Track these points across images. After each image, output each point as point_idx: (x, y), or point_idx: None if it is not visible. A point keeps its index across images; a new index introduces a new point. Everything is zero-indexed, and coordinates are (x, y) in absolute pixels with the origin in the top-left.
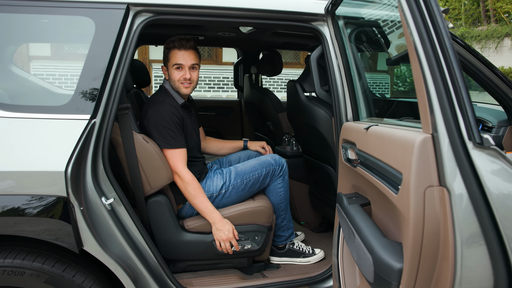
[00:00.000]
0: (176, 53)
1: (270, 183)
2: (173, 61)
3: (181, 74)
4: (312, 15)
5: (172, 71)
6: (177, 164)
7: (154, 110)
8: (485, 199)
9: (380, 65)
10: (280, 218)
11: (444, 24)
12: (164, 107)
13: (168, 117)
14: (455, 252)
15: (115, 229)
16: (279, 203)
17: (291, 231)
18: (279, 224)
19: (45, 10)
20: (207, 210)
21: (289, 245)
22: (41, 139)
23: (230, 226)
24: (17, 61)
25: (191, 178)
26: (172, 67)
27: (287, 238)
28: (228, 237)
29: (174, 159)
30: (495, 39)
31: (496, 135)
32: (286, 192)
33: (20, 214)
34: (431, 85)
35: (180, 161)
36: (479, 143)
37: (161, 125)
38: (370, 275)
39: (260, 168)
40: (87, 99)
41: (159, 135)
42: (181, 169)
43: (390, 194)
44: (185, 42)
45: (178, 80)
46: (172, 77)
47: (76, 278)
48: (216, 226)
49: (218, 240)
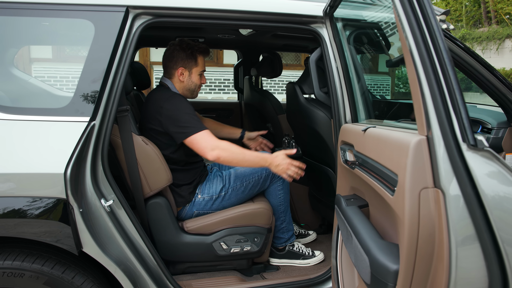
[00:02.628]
0: (202, 59)
1: (270, 185)
2: (202, 67)
3: (202, 80)
4: (311, 17)
5: (196, 76)
6: (213, 140)
7: (170, 102)
8: (479, 201)
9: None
10: (280, 220)
11: (438, 26)
12: (180, 97)
13: (186, 105)
14: (450, 254)
15: (115, 231)
16: (279, 205)
17: (291, 233)
18: (278, 226)
19: (45, 13)
20: (258, 159)
21: (289, 246)
22: (40, 141)
23: (282, 155)
24: (18, 64)
25: (226, 142)
26: (199, 72)
27: (287, 240)
28: (288, 163)
29: (209, 137)
30: (496, 41)
31: (496, 137)
32: (286, 195)
33: (20, 216)
34: (426, 87)
35: (212, 136)
36: (473, 144)
37: (185, 113)
38: (367, 276)
39: (260, 170)
40: (86, 101)
41: (185, 123)
42: (217, 141)
43: (387, 196)
44: (208, 51)
45: (199, 85)
46: (194, 81)
47: (75, 280)
48: (273, 164)
49: (286, 174)
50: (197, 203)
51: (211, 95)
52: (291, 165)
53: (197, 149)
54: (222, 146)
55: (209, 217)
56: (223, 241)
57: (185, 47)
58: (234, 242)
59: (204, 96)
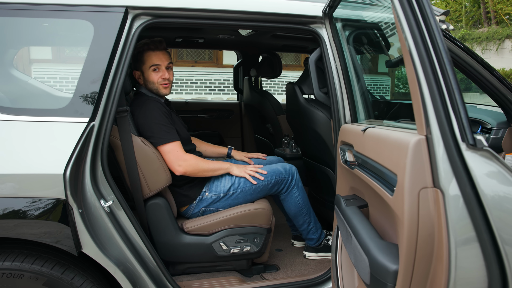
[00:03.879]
0: (151, 54)
1: (286, 195)
2: (149, 62)
3: (160, 75)
4: (310, 17)
5: (150, 73)
6: (179, 154)
7: (140, 111)
8: (478, 201)
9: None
10: (306, 223)
11: (437, 26)
12: (150, 105)
13: (156, 114)
14: (449, 254)
15: (114, 231)
16: (300, 210)
17: (320, 231)
18: (306, 229)
19: (45, 13)
20: (219, 168)
21: (325, 241)
22: (40, 142)
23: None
24: (18, 65)
25: (192, 156)
26: (149, 69)
27: (319, 239)
28: (247, 169)
29: (175, 150)
30: (495, 41)
31: (496, 137)
32: (304, 198)
33: (19, 216)
34: (425, 86)
35: (180, 150)
36: (472, 144)
37: (154, 123)
38: (366, 277)
39: (270, 176)
40: (86, 102)
41: (153, 133)
42: (184, 155)
43: (386, 196)
44: (158, 44)
45: (157, 82)
46: (150, 79)
47: (75, 280)
48: (231, 169)
49: (247, 176)
50: (205, 201)
51: (211, 95)
52: (246, 168)
53: (166, 161)
54: (188, 161)
55: (208, 217)
56: (223, 242)
57: (138, 46)
58: (233, 243)
59: (204, 97)
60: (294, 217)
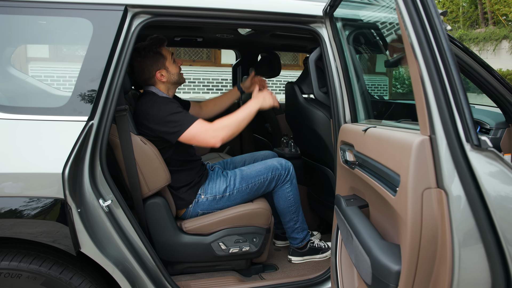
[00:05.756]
0: (165, 49)
1: (278, 189)
2: (169, 55)
3: (178, 63)
4: (310, 17)
5: (173, 65)
6: (206, 128)
7: (155, 107)
8: (482, 201)
9: (379, 67)
10: (293, 221)
11: (442, 26)
12: (162, 100)
13: (170, 106)
14: (453, 254)
15: (113, 231)
16: (289, 207)
17: (306, 232)
18: (292, 227)
19: (43, 11)
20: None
21: (310, 243)
22: (38, 141)
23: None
24: (15, 63)
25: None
26: (171, 61)
27: (303, 240)
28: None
29: (203, 126)
30: (493, 42)
31: (494, 137)
32: (295, 195)
33: (17, 216)
34: (429, 87)
35: (205, 124)
36: (477, 145)
37: (172, 113)
38: (368, 277)
39: (266, 172)
40: (84, 101)
41: (174, 123)
42: (210, 126)
43: (388, 196)
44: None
45: (179, 71)
46: (174, 71)
47: (73, 280)
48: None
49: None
50: (201, 204)
51: (209, 95)
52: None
53: (197, 143)
54: (218, 128)
55: (207, 217)
56: (222, 241)
57: (145, 52)
58: (232, 243)
59: (202, 96)
60: (282, 212)
